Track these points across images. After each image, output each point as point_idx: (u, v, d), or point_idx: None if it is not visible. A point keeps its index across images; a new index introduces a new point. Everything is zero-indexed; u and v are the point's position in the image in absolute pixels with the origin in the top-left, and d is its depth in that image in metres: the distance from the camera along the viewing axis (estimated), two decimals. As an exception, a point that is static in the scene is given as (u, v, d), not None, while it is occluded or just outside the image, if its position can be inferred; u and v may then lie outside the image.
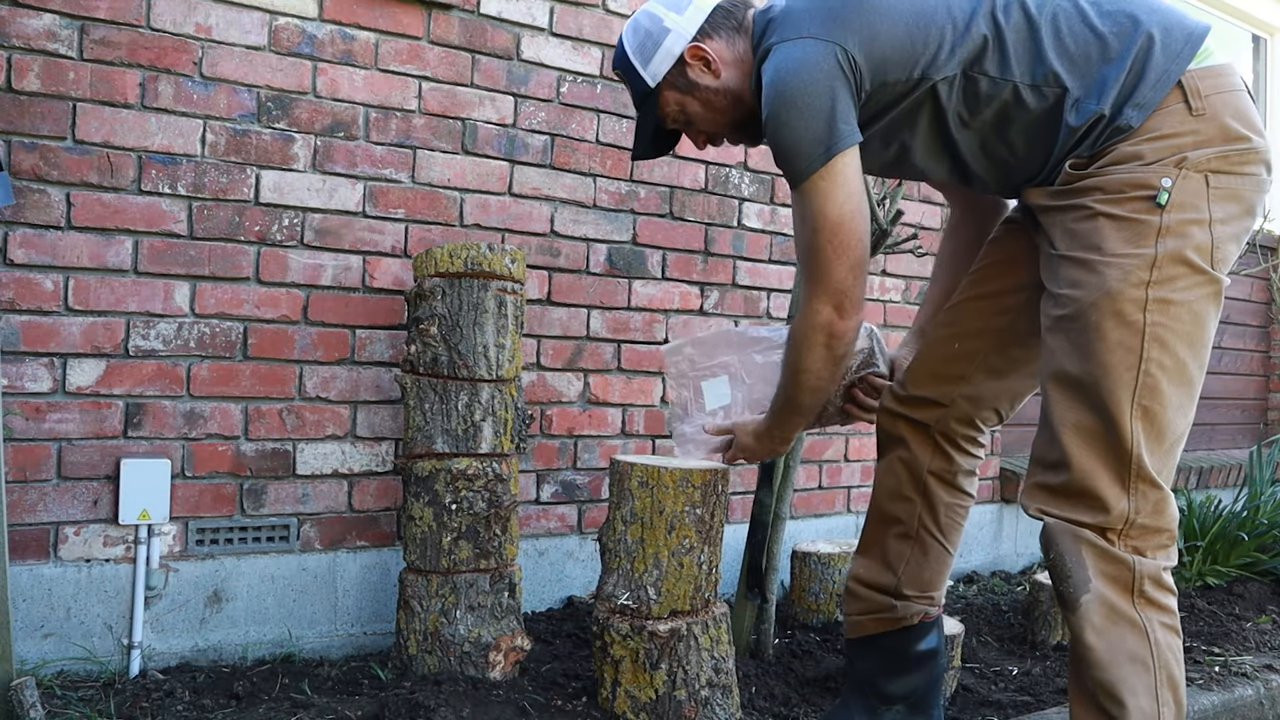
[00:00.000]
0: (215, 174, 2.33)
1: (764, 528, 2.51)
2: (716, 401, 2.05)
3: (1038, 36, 1.61)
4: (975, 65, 1.63)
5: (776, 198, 3.23)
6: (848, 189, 1.63)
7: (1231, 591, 3.43)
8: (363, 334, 2.51)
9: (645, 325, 2.96)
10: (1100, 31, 1.60)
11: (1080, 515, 1.59)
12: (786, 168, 1.66)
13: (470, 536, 2.23)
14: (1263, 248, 5.07)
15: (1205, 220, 1.55)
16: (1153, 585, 1.58)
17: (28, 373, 2.16)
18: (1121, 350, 1.55)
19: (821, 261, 1.65)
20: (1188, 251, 1.55)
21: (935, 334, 1.95)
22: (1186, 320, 1.56)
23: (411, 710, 1.94)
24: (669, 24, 1.80)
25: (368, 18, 2.50)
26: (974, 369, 1.89)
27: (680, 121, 1.89)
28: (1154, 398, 1.56)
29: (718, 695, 2.04)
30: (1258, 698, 2.50)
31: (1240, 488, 4.01)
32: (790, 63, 1.63)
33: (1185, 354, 1.57)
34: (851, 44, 1.61)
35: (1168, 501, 1.60)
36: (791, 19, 1.69)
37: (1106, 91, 1.57)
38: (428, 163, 2.60)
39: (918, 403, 1.92)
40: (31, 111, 2.14)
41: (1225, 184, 1.56)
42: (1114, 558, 1.57)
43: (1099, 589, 1.57)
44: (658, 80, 1.82)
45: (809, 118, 1.60)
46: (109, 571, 2.23)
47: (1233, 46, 5.46)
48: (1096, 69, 1.58)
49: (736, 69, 1.81)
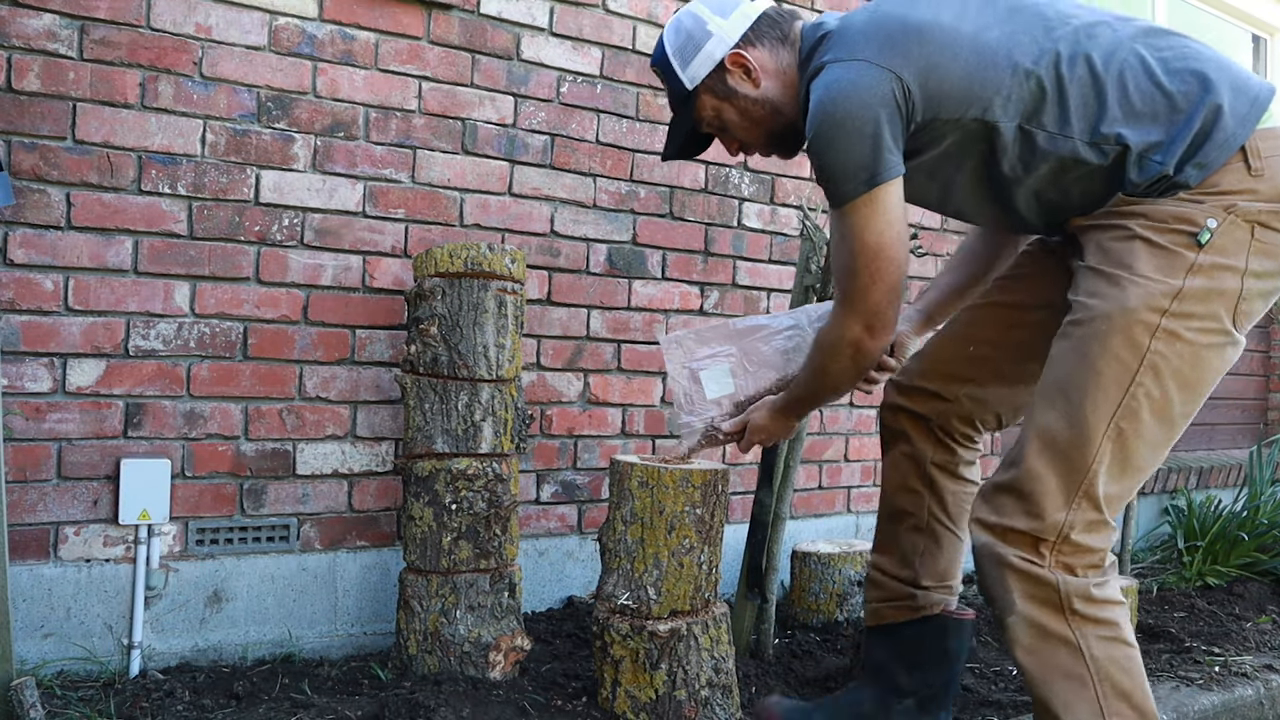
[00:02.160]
0: (215, 174, 2.33)
1: (764, 528, 2.51)
2: (718, 391, 2.05)
3: (1103, 94, 1.57)
4: (1033, 118, 1.59)
5: (776, 198, 3.23)
6: (888, 217, 1.62)
7: (1231, 591, 3.43)
8: (363, 334, 2.51)
9: (645, 325, 2.96)
10: (1168, 90, 1.56)
11: (1014, 519, 1.58)
12: (829, 188, 1.64)
13: (470, 536, 2.23)
14: (1263, 248, 5.07)
15: (1240, 270, 1.54)
16: (1083, 602, 1.56)
17: (28, 373, 2.15)
18: (1118, 365, 1.54)
19: (859, 284, 1.66)
20: (1213, 296, 1.54)
21: (952, 330, 1.95)
22: (1188, 360, 1.55)
23: (411, 710, 1.94)
24: (712, 27, 1.77)
25: (368, 18, 2.50)
26: (984, 373, 1.89)
27: (715, 127, 1.86)
28: (1132, 423, 1.55)
29: (718, 695, 2.04)
30: (1258, 698, 2.50)
31: (1240, 488, 4.01)
32: (842, 84, 1.59)
33: (1176, 393, 1.56)
34: (907, 74, 1.58)
35: (1107, 527, 1.59)
36: (847, 39, 1.65)
37: (1171, 151, 1.54)
38: (428, 163, 2.60)
39: (921, 394, 1.93)
40: (31, 111, 2.14)
41: (1270, 239, 1.55)
42: (1037, 579, 1.56)
43: (1024, 609, 1.57)
44: (696, 83, 1.79)
45: (856, 142, 1.57)
46: (109, 571, 2.23)
47: (1233, 46, 5.46)
48: (1163, 129, 1.55)
49: (778, 80, 1.78)
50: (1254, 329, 5.49)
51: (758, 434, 1.99)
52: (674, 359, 2.06)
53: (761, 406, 1.97)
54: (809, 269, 2.53)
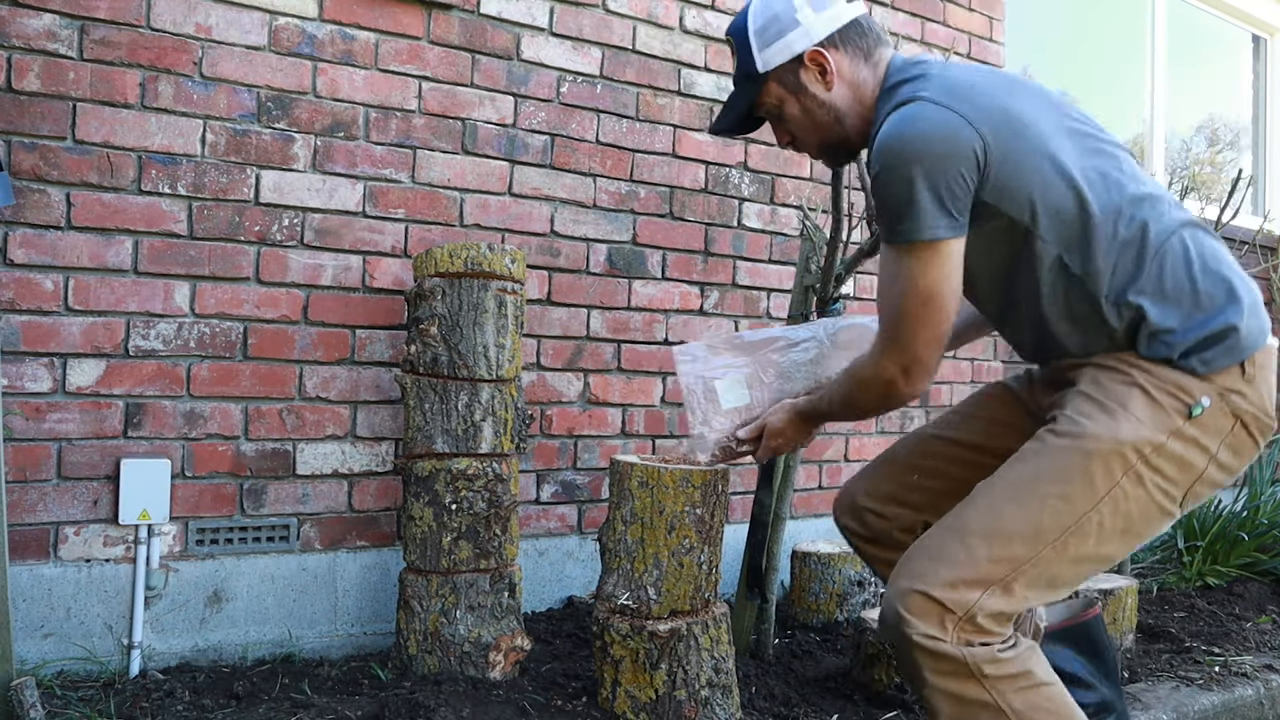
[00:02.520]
0: (215, 174, 2.33)
1: (764, 528, 2.51)
2: (733, 402, 2.01)
3: (1143, 263, 1.61)
4: (1074, 253, 1.63)
5: (776, 198, 3.23)
6: (947, 269, 1.60)
7: (1231, 591, 3.43)
8: (363, 334, 2.51)
9: (645, 325, 2.96)
10: (1199, 287, 1.61)
11: (929, 584, 1.57)
12: (889, 221, 1.61)
13: (470, 536, 2.23)
14: (1263, 247, 5.07)
15: (1211, 453, 1.60)
16: (991, 665, 1.56)
17: (28, 373, 2.15)
18: (1088, 488, 1.57)
19: (904, 327, 1.64)
20: (1183, 465, 1.60)
21: (901, 455, 1.97)
22: (1139, 507, 1.59)
23: (411, 710, 1.94)
24: (801, 17, 1.73)
25: (368, 18, 2.51)
26: (922, 501, 1.91)
27: (773, 116, 1.82)
28: (1078, 544, 1.57)
29: (718, 695, 2.04)
30: (1258, 698, 2.50)
31: (1240, 488, 4.01)
32: (933, 124, 1.57)
33: (1117, 534, 1.60)
34: (993, 150, 1.58)
35: (1009, 620, 1.60)
36: (947, 86, 1.63)
37: (1183, 341, 1.59)
38: (428, 163, 2.60)
39: (866, 512, 1.95)
40: (31, 111, 2.14)
41: (1242, 440, 1.62)
42: (941, 654, 1.55)
43: (937, 683, 1.56)
44: (768, 69, 1.75)
45: (931, 187, 1.56)
46: (109, 571, 2.23)
47: (1233, 46, 5.46)
48: (1181, 318, 1.60)
49: (850, 90, 1.75)
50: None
51: (775, 438, 1.95)
52: (687, 370, 2.02)
53: (780, 409, 1.94)
54: (809, 269, 2.53)
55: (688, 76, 3.04)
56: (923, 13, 3.59)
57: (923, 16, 3.59)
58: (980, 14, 3.77)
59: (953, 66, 1.70)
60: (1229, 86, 5.54)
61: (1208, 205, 3.93)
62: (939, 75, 1.66)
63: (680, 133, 3.02)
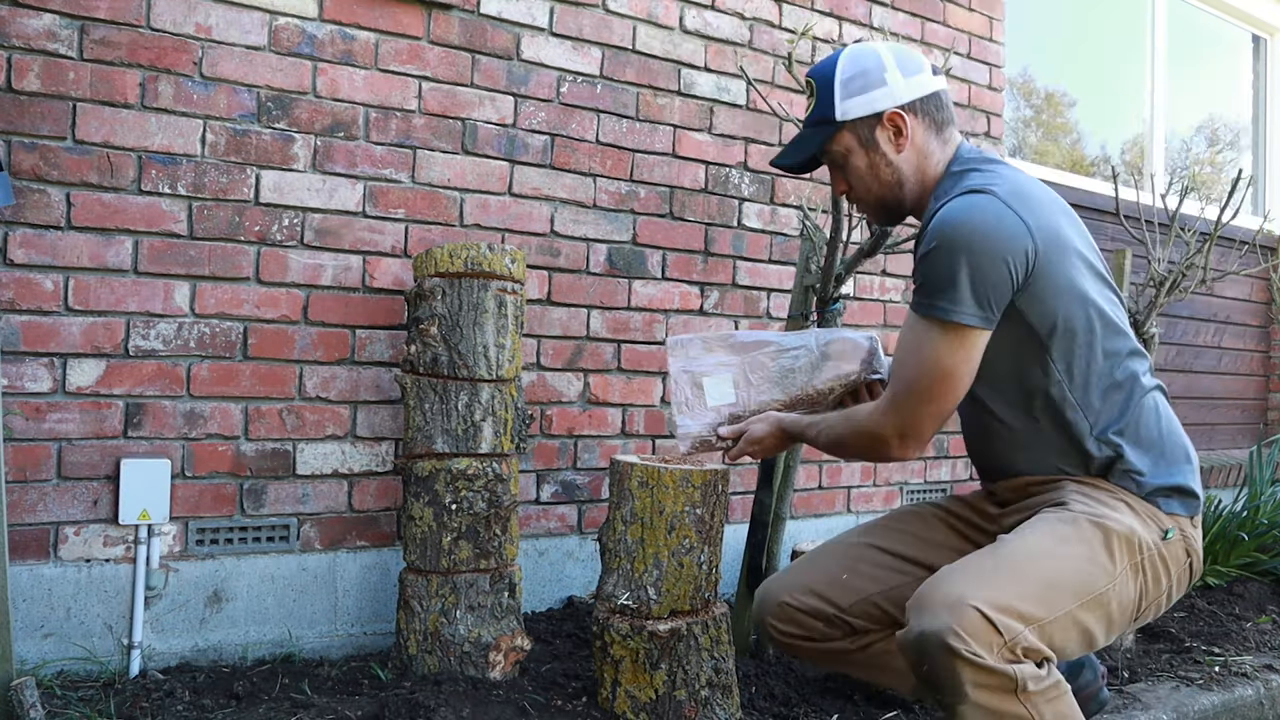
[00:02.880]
0: (215, 174, 2.33)
1: (764, 528, 2.51)
2: (718, 399, 2.05)
3: (1126, 411, 1.74)
4: (1073, 382, 1.73)
5: (776, 198, 3.23)
6: (969, 354, 1.68)
7: (1231, 591, 3.43)
8: (363, 334, 2.51)
9: (645, 325, 2.96)
10: (1165, 444, 1.77)
11: (980, 599, 1.56)
12: (928, 294, 1.67)
13: (470, 536, 2.23)
14: (1263, 248, 5.07)
15: (1171, 578, 1.74)
16: (1035, 681, 1.56)
17: (28, 373, 2.16)
18: (1108, 559, 1.66)
19: (915, 397, 1.71)
20: (1154, 578, 1.71)
21: (828, 560, 1.99)
22: (1129, 598, 1.69)
23: (411, 710, 1.94)
24: (889, 77, 1.80)
25: (368, 18, 2.51)
26: (851, 603, 1.93)
27: (837, 164, 1.89)
28: (1091, 612, 1.64)
29: (718, 695, 2.04)
30: (1258, 698, 2.50)
31: (1240, 488, 4.01)
32: (998, 220, 1.65)
33: (1112, 613, 1.68)
34: (1041, 261, 1.67)
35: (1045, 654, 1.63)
36: (1016, 188, 1.71)
37: (1150, 482, 1.73)
38: (428, 163, 2.60)
39: (787, 609, 1.96)
40: (31, 111, 2.14)
41: (1186, 577, 1.78)
42: (990, 670, 1.54)
43: (977, 698, 1.55)
44: (846, 118, 1.81)
45: (979, 276, 1.64)
46: (109, 571, 2.23)
47: (1233, 46, 5.46)
48: (1150, 464, 1.75)
49: (916, 158, 1.82)
50: (1253, 329, 5.48)
51: (753, 444, 1.99)
52: (678, 361, 2.06)
53: (765, 420, 1.97)
54: (809, 269, 2.53)
55: (688, 76, 3.04)
56: (923, 13, 3.59)
57: (923, 16, 3.59)
58: (980, 14, 3.77)
59: (1020, 173, 1.80)
60: (1229, 86, 5.54)
61: (1208, 205, 3.93)
62: (1010, 177, 1.76)
63: (680, 133, 3.03)
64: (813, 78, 1.86)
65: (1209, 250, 3.17)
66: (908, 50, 1.85)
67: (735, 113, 3.14)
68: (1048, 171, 4.39)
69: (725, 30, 3.12)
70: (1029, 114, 4.89)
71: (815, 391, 2.02)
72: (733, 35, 3.13)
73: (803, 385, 2.01)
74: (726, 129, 3.12)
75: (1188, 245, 3.10)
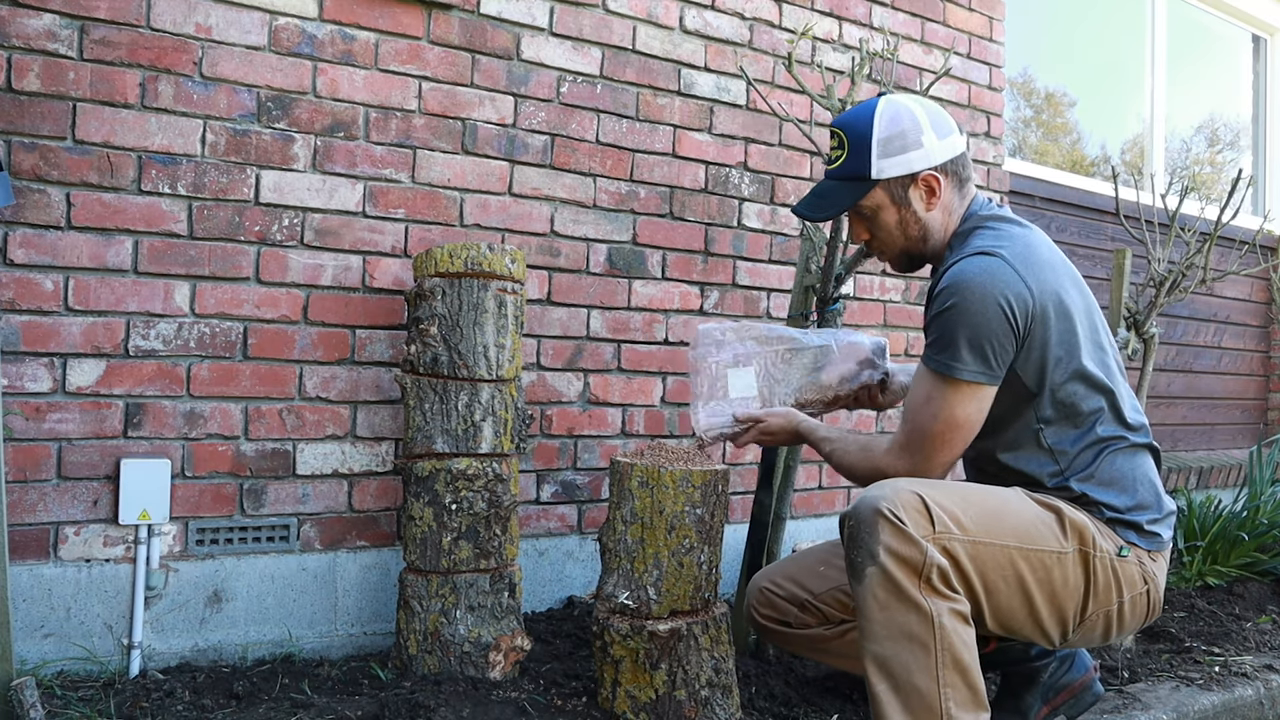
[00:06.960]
0: (215, 174, 2.33)
1: (764, 528, 2.51)
2: (741, 391, 2.12)
3: (1099, 458, 1.85)
4: (1055, 430, 1.84)
5: (776, 198, 3.23)
6: (978, 407, 1.80)
7: (1231, 591, 3.43)
8: (363, 334, 2.51)
9: (645, 325, 2.96)
10: (1139, 491, 1.86)
11: (921, 490, 1.71)
12: (939, 350, 1.77)
13: (470, 536, 2.23)
14: (1263, 248, 5.07)
15: (1123, 597, 1.85)
16: (940, 579, 1.66)
17: (28, 373, 2.15)
18: (1055, 538, 1.78)
19: (926, 443, 1.82)
20: (1106, 586, 1.82)
21: (812, 554, 2.13)
22: (1073, 584, 1.80)
23: (411, 710, 1.94)
24: (925, 140, 1.86)
25: (368, 18, 2.51)
26: (823, 590, 2.06)
27: (864, 217, 1.95)
28: (1028, 563, 1.76)
29: (718, 695, 2.04)
30: (1258, 698, 2.50)
31: (1240, 488, 4.01)
32: (1003, 285, 1.75)
33: (1053, 589, 1.80)
34: (1038, 324, 1.77)
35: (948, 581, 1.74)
36: (1024, 251, 1.81)
37: (1118, 516, 1.84)
38: (428, 163, 2.60)
39: (768, 594, 2.12)
40: (31, 111, 2.14)
41: (1142, 606, 1.87)
42: (908, 538, 1.65)
43: (885, 563, 1.65)
44: (881, 177, 1.87)
45: (986, 336, 1.74)
46: (109, 571, 2.23)
47: (1233, 46, 5.46)
48: (1125, 501, 1.85)
49: (943, 214, 1.91)
50: (1254, 329, 5.48)
51: (766, 435, 2.08)
52: (705, 350, 2.12)
53: (782, 416, 2.06)
54: (809, 269, 2.53)
55: (688, 76, 3.04)
56: (923, 13, 3.59)
57: (923, 16, 3.59)
58: (980, 14, 3.77)
59: (1031, 232, 1.89)
60: (1229, 86, 5.54)
61: (1208, 205, 3.92)
62: (1021, 238, 1.85)
63: (680, 133, 3.02)
64: (844, 131, 1.91)
65: (1209, 250, 3.17)
66: (939, 110, 1.92)
67: (735, 113, 3.14)
68: (1048, 171, 4.39)
69: (725, 30, 3.12)
70: (1029, 114, 4.89)
71: (829, 390, 2.12)
72: (733, 35, 3.13)
73: (818, 384, 2.10)
74: (726, 129, 3.12)
75: (1188, 245, 3.10)
